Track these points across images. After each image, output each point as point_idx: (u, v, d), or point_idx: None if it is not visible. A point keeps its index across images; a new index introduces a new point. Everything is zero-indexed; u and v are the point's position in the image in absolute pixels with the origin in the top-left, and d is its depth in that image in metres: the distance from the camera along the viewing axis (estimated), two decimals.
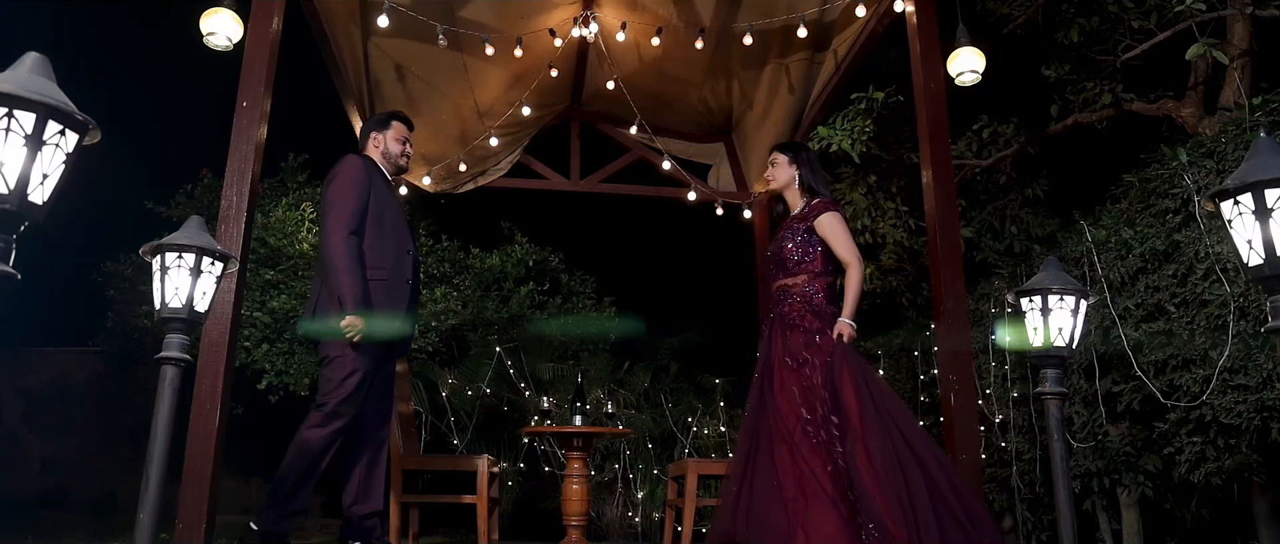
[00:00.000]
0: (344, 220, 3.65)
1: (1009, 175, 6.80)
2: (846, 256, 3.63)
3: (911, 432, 3.25)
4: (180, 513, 3.61)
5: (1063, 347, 3.01)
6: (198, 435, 3.66)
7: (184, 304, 2.73)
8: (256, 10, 4.12)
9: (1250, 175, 2.21)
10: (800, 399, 3.33)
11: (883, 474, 3.09)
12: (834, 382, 3.33)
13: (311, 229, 6.78)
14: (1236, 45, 4.80)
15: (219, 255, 2.81)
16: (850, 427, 3.22)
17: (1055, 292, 3.00)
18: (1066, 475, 2.95)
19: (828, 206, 3.70)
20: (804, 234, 3.67)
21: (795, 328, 3.52)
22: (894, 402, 3.37)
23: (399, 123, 4.08)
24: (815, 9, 5.13)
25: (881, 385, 3.44)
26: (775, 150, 3.96)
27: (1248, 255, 2.23)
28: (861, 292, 3.61)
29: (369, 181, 3.78)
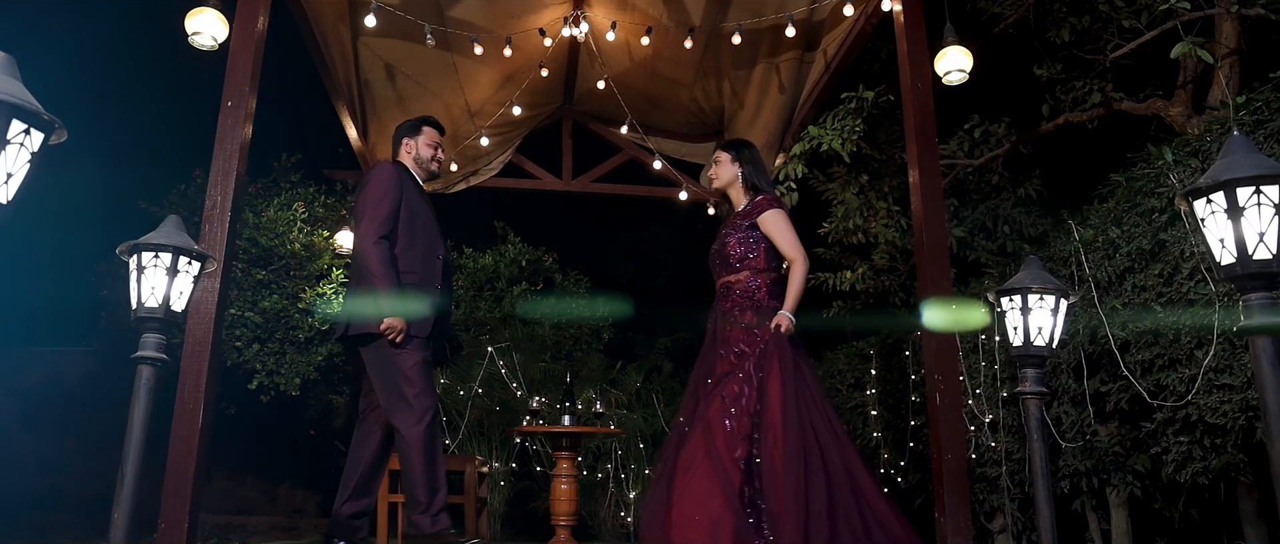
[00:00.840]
0: (375, 225, 3.69)
1: (1001, 175, 6.80)
2: (790, 253, 3.60)
3: (827, 436, 3.26)
4: (163, 512, 3.63)
5: (1043, 346, 3.00)
6: (181, 435, 3.68)
7: (160, 304, 2.73)
8: (241, 10, 4.13)
9: (1222, 174, 2.21)
10: (731, 399, 3.35)
11: (788, 473, 3.10)
12: (763, 375, 3.33)
13: (303, 229, 6.78)
14: (1224, 44, 4.79)
15: (196, 255, 2.81)
16: (771, 423, 3.23)
17: (1035, 291, 3.00)
18: (1047, 475, 2.95)
19: (770, 203, 3.69)
20: (747, 230, 3.67)
21: (736, 323, 3.52)
22: (819, 404, 3.37)
23: (430, 128, 4.10)
24: (803, 8, 5.14)
25: (812, 386, 3.43)
26: (718, 148, 3.96)
27: (1220, 254, 2.23)
28: (804, 288, 3.57)
29: (400, 187, 3.81)
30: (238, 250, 6.69)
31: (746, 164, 3.81)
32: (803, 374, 3.40)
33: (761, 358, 3.37)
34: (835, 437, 3.27)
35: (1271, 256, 2.14)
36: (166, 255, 2.74)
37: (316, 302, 6.55)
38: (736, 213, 3.80)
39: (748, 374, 3.35)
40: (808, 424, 3.23)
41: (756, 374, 3.34)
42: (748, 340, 3.44)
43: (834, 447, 3.23)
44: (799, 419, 3.21)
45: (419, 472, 3.63)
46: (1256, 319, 2.16)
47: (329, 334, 6.64)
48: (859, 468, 3.26)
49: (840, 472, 3.16)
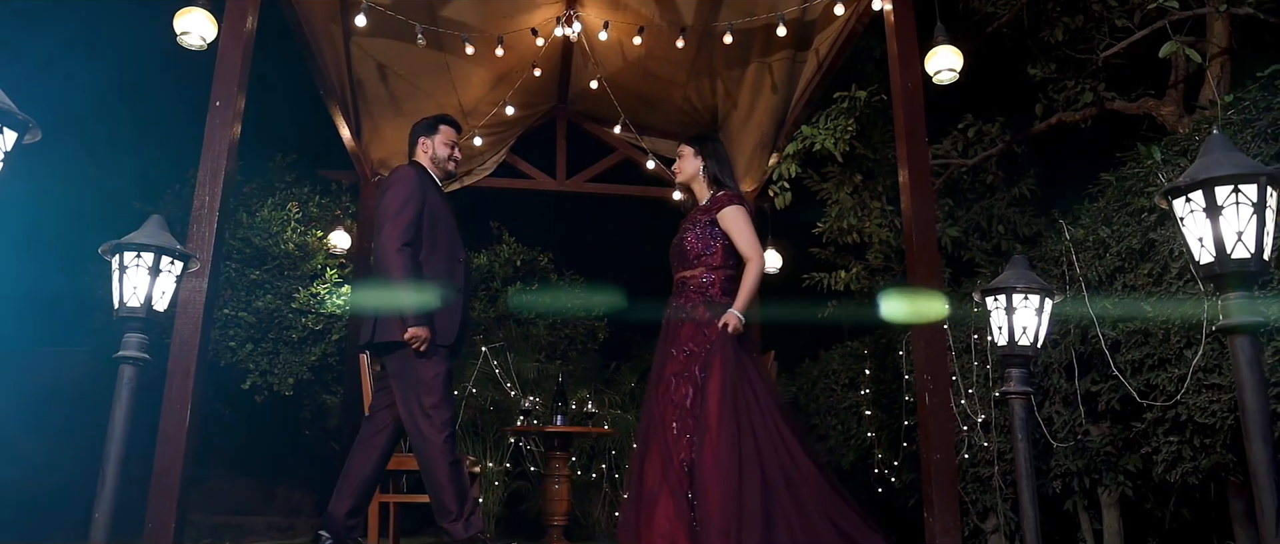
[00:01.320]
0: (398, 233, 3.63)
1: (996, 174, 6.79)
2: (747, 251, 3.54)
3: (770, 439, 3.22)
4: (149, 511, 3.62)
5: (1027, 346, 2.99)
6: (168, 435, 3.67)
7: (142, 303, 2.73)
8: (230, 9, 4.13)
9: (1201, 173, 2.20)
10: (679, 401, 3.34)
11: (719, 474, 3.10)
12: (706, 375, 3.32)
13: (297, 229, 6.79)
14: (1216, 43, 4.78)
15: (178, 255, 2.81)
16: (707, 424, 3.22)
17: (1019, 290, 2.99)
18: (1031, 475, 2.95)
19: (731, 199, 3.63)
20: (705, 226, 3.61)
21: (687, 320, 3.49)
22: (765, 406, 3.32)
23: (448, 126, 4.05)
24: (794, 8, 5.14)
25: (758, 386, 3.37)
26: (682, 142, 3.90)
27: (1199, 253, 2.22)
28: (757, 287, 3.51)
29: (422, 192, 3.76)
30: (231, 250, 6.70)
31: (709, 158, 3.75)
32: (747, 374, 3.34)
33: (706, 357, 3.34)
34: (779, 439, 3.21)
35: (1249, 256, 2.14)
36: (148, 255, 2.74)
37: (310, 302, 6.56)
38: (697, 207, 3.75)
39: (692, 375, 3.34)
40: (747, 426, 3.19)
41: (700, 375, 3.32)
42: (696, 339, 3.41)
43: (777, 449, 3.17)
44: (736, 420, 3.18)
45: (446, 481, 3.61)
46: (1235, 318, 2.15)
47: (322, 334, 6.64)
48: (807, 470, 3.21)
49: (780, 475, 3.12)
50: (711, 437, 3.16)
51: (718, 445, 3.13)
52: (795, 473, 3.16)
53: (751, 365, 3.42)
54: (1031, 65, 6.26)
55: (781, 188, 6.39)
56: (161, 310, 2.78)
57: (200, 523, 8.41)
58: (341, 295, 6.80)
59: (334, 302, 6.74)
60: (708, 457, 3.13)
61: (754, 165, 6.70)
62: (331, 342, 6.69)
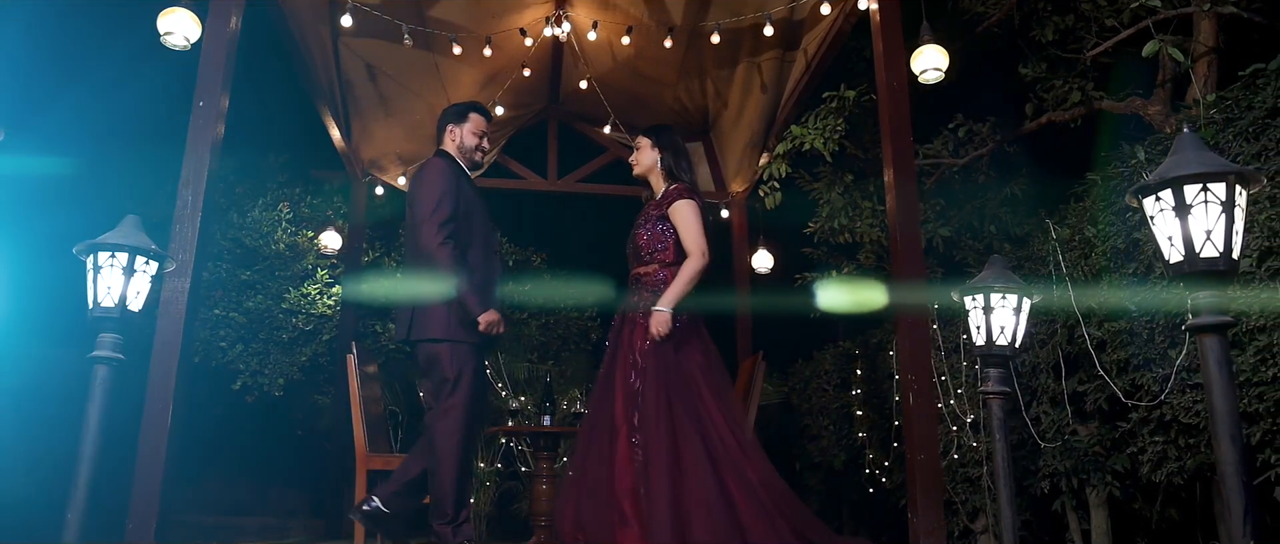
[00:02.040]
0: (436, 229, 3.58)
1: (987, 174, 6.77)
2: (690, 245, 3.46)
3: (692, 441, 3.20)
4: (131, 511, 3.61)
5: (1005, 346, 2.99)
6: (149, 434, 3.66)
7: (116, 303, 2.72)
8: (214, 9, 4.12)
9: (1170, 171, 2.20)
10: (630, 396, 3.33)
11: (627, 474, 3.11)
12: (644, 373, 3.33)
13: (288, 229, 6.78)
14: (1203, 43, 4.77)
15: (153, 255, 2.80)
16: (647, 423, 3.23)
17: (997, 290, 2.98)
18: (1009, 475, 2.94)
19: (683, 193, 3.54)
20: (657, 221, 3.55)
21: (641, 317, 3.46)
22: (697, 405, 3.28)
23: (478, 115, 3.98)
24: (782, 7, 5.13)
25: (688, 383, 3.33)
26: (641, 133, 3.82)
27: (1169, 252, 2.22)
28: (692, 284, 3.43)
29: (456, 185, 3.71)
30: (222, 250, 6.70)
31: (666, 150, 3.68)
32: (680, 370, 3.32)
33: (646, 356, 3.34)
34: (703, 441, 3.18)
35: (1218, 255, 2.13)
36: (123, 255, 2.74)
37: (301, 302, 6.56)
38: (651, 202, 3.70)
39: (643, 372, 3.34)
40: (664, 427, 3.19)
41: (644, 373, 3.32)
42: (644, 337, 3.41)
43: (701, 451, 3.15)
44: (656, 421, 3.18)
45: (449, 483, 3.59)
46: (1204, 318, 2.15)
47: (313, 334, 6.64)
48: (740, 469, 3.17)
49: (709, 475, 3.10)
50: (650, 435, 3.18)
51: (655, 444, 3.14)
52: (727, 476, 3.13)
53: (690, 363, 3.37)
54: (1022, 65, 6.24)
55: (772, 188, 6.38)
56: (136, 310, 2.78)
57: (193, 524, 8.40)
58: (332, 296, 6.80)
59: (324, 302, 6.73)
60: (651, 455, 3.14)
61: (744, 165, 6.70)
62: (322, 342, 6.69)
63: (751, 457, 3.21)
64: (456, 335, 3.64)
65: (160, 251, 2.81)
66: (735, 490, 3.07)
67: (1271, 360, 3.38)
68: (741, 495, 3.06)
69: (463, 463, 3.63)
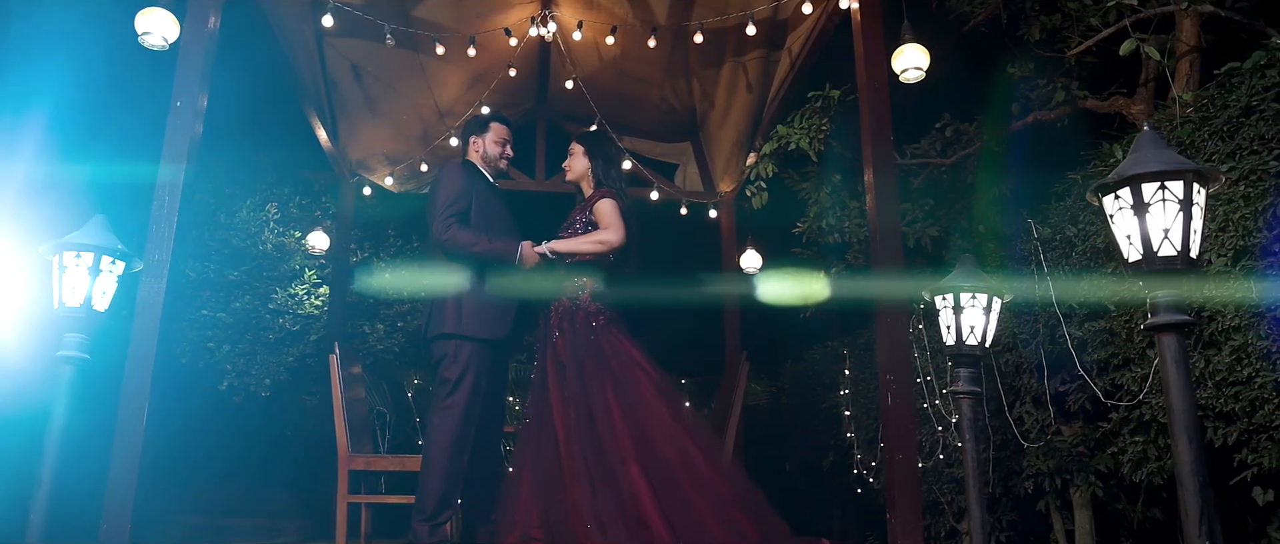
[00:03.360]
0: (443, 215, 3.63)
1: (976, 174, 6.76)
2: (604, 224, 3.55)
3: (548, 441, 3.24)
4: (105, 512, 3.61)
5: (975, 345, 2.98)
6: (124, 434, 3.65)
7: (82, 303, 2.72)
8: (192, 9, 4.11)
9: (1128, 169, 2.19)
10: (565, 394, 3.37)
11: (577, 468, 3.13)
12: (561, 372, 3.37)
13: (276, 229, 6.78)
14: (1185, 41, 4.75)
15: (120, 254, 2.80)
16: (575, 418, 3.26)
17: (967, 289, 2.97)
18: (979, 475, 2.93)
19: (607, 193, 3.64)
20: (582, 224, 3.64)
21: (568, 317, 3.51)
22: (584, 403, 3.29)
23: (498, 124, 4.03)
24: (764, 7, 5.12)
25: (600, 380, 3.35)
26: (575, 140, 3.91)
27: (1127, 250, 2.21)
28: (587, 250, 3.52)
29: (469, 184, 3.76)
30: (209, 250, 6.71)
31: (597, 159, 3.77)
32: (596, 367, 3.34)
33: (565, 355, 3.39)
34: (636, 432, 3.20)
35: (1176, 253, 2.12)
36: (88, 255, 2.74)
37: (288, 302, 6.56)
38: (576, 206, 3.78)
39: (574, 371, 3.37)
40: (545, 427, 3.26)
41: (568, 372, 3.36)
42: (563, 333, 3.46)
43: (631, 443, 3.17)
44: (576, 417, 3.22)
45: (433, 482, 3.59)
46: (1162, 316, 2.14)
47: (300, 335, 6.64)
48: (635, 462, 3.16)
49: (619, 469, 3.12)
50: (558, 437, 3.21)
51: (568, 442, 3.16)
52: (622, 468, 3.13)
53: (591, 360, 3.38)
54: (1011, 64, 6.23)
55: (759, 188, 6.38)
56: (102, 310, 2.77)
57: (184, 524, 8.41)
58: (320, 296, 6.79)
59: (312, 302, 6.73)
60: (564, 455, 3.17)
61: (732, 165, 6.69)
62: (309, 343, 6.69)
63: (697, 444, 3.22)
64: (465, 330, 3.63)
65: (127, 251, 2.81)
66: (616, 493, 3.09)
67: (1247, 359, 3.37)
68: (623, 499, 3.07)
69: (451, 464, 3.61)
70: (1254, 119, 3.29)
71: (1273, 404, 3.28)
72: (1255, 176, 3.27)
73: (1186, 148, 3.61)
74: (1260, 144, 3.24)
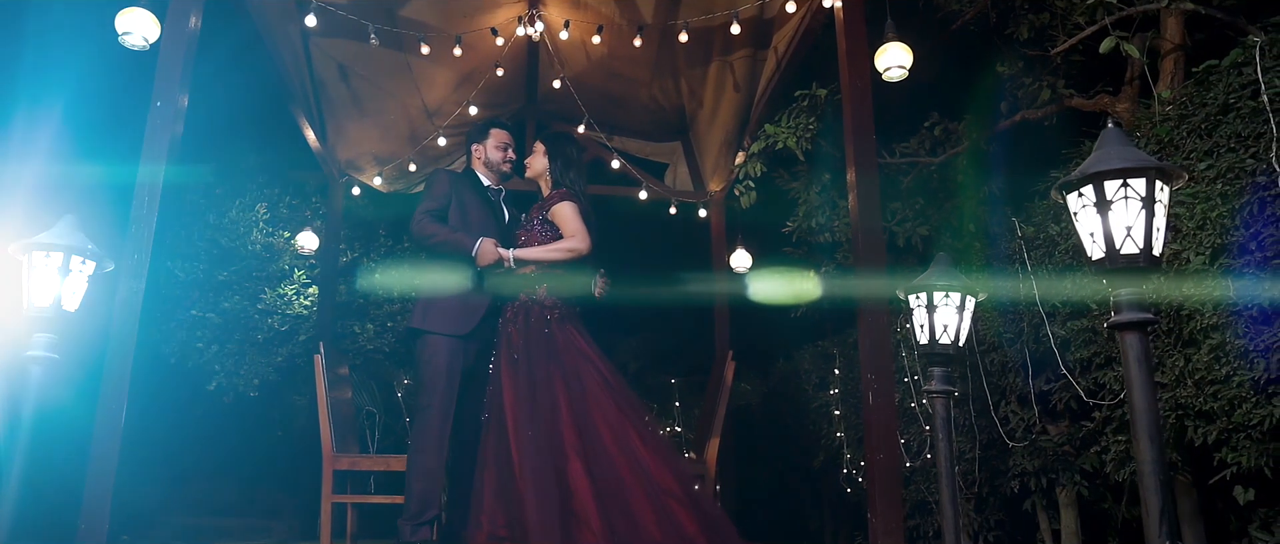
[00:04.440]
0: (419, 212, 3.77)
1: (966, 173, 6.74)
2: (568, 231, 3.57)
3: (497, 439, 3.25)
4: (83, 512, 3.60)
5: (949, 345, 2.96)
6: (102, 435, 3.64)
7: (51, 303, 2.71)
8: (173, 8, 4.09)
9: (1091, 166, 2.18)
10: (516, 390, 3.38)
11: (525, 464, 3.13)
12: (518, 366, 3.38)
13: (265, 229, 6.78)
14: (1170, 40, 4.74)
15: (90, 254, 2.80)
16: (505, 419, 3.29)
17: (940, 288, 2.96)
18: (951, 475, 2.91)
19: (564, 196, 3.67)
20: (539, 223, 3.68)
21: (523, 312, 3.52)
22: (535, 403, 3.30)
23: (498, 130, 4.12)
24: (748, 5, 5.11)
25: (549, 376, 3.35)
26: (539, 139, 3.98)
27: (1090, 248, 2.20)
28: (556, 257, 3.55)
29: (451, 188, 3.86)
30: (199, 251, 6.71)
31: (557, 159, 3.82)
32: (546, 365, 3.35)
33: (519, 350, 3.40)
34: (525, 438, 3.21)
35: (1139, 251, 2.11)
36: (58, 255, 2.73)
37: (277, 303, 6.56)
38: (533, 205, 3.84)
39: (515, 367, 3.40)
40: (503, 423, 3.27)
41: (530, 371, 3.37)
42: (518, 329, 3.49)
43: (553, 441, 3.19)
44: (532, 414, 3.23)
45: (414, 482, 3.63)
46: (1124, 314, 2.13)
47: (289, 335, 6.64)
48: (579, 461, 3.18)
49: (560, 466, 3.13)
50: (508, 432, 3.22)
51: (517, 438, 3.17)
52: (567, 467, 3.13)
53: (541, 359, 3.38)
54: (1001, 63, 6.22)
55: (747, 187, 6.37)
56: (71, 310, 2.77)
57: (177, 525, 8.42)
58: (309, 296, 6.79)
59: (301, 303, 6.73)
60: (514, 453, 3.17)
61: (721, 164, 6.68)
62: (299, 343, 6.69)
63: (646, 442, 3.21)
64: (430, 326, 3.68)
65: (98, 251, 2.80)
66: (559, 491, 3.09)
67: (1225, 358, 3.36)
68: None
69: (427, 463, 3.62)
70: (1231, 117, 3.28)
71: (1250, 403, 3.27)
72: (1233, 174, 3.26)
73: (1165, 146, 3.60)
74: (1237, 142, 3.23)
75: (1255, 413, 3.25)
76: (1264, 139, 3.09)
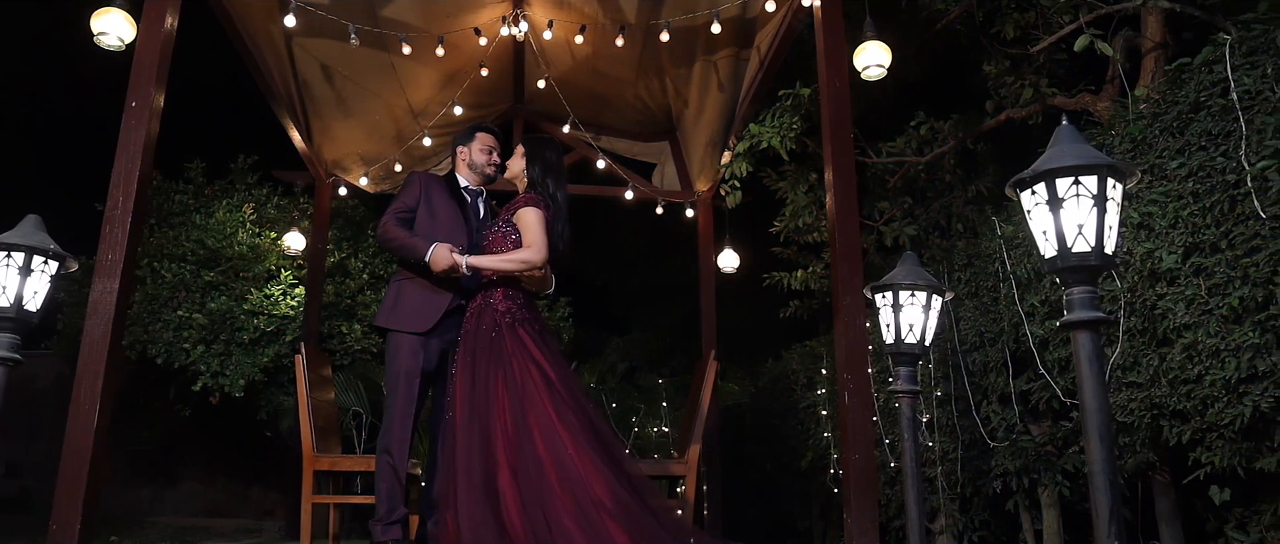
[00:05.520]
0: (386, 214, 3.81)
1: (954, 172, 6.73)
2: (528, 240, 3.53)
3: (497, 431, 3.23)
4: (54, 513, 3.61)
5: (914, 344, 2.95)
6: (75, 436, 3.64)
7: (11, 303, 2.71)
8: (148, 9, 4.10)
9: (1043, 165, 2.17)
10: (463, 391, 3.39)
11: (461, 468, 3.14)
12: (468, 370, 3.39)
13: (252, 230, 6.78)
14: (1151, 38, 4.72)
15: (52, 254, 2.79)
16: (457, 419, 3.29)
17: (905, 287, 2.95)
18: (916, 475, 2.90)
19: (531, 201, 3.65)
20: (504, 225, 3.66)
21: (477, 313, 3.52)
22: (491, 405, 3.29)
23: (484, 134, 4.12)
24: (729, 4, 5.10)
25: (490, 378, 3.34)
26: (522, 141, 3.96)
27: (1043, 246, 2.18)
28: (507, 268, 3.52)
29: (421, 188, 3.89)
30: (186, 252, 6.71)
31: (535, 163, 3.80)
32: (492, 364, 3.34)
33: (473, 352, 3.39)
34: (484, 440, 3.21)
35: (1090, 249, 2.10)
36: (19, 255, 2.73)
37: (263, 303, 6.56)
38: (505, 207, 3.82)
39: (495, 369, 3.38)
40: (488, 416, 3.27)
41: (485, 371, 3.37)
42: (476, 327, 3.49)
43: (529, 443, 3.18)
44: (471, 415, 3.25)
45: (381, 480, 3.64)
46: (1076, 313, 2.11)
47: (275, 335, 6.64)
48: (506, 465, 3.17)
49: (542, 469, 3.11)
50: (456, 430, 3.24)
51: (462, 439, 3.17)
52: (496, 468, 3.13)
53: (518, 361, 3.37)
54: (987, 62, 6.20)
55: (732, 187, 6.36)
56: (33, 311, 2.77)
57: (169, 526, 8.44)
58: (296, 297, 6.79)
59: (288, 303, 6.73)
60: (458, 450, 3.18)
61: (708, 164, 6.67)
62: (285, 343, 6.69)
63: (584, 450, 3.17)
64: (395, 324, 3.69)
65: (60, 251, 2.80)
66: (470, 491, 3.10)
67: (1197, 357, 3.34)
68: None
69: (392, 465, 3.63)
70: (1202, 115, 3.26)
71: (1222, 402, 3.25)
72: (1204, 172, 3.25)
73: (1138, 145, 3.58)
74: (1208, 140, 3.22)
75: (1227, 412, 3.23)
76: (1234, 137, 3.07)
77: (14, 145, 11.59)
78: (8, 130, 11.19)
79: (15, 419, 10.04)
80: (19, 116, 11.26)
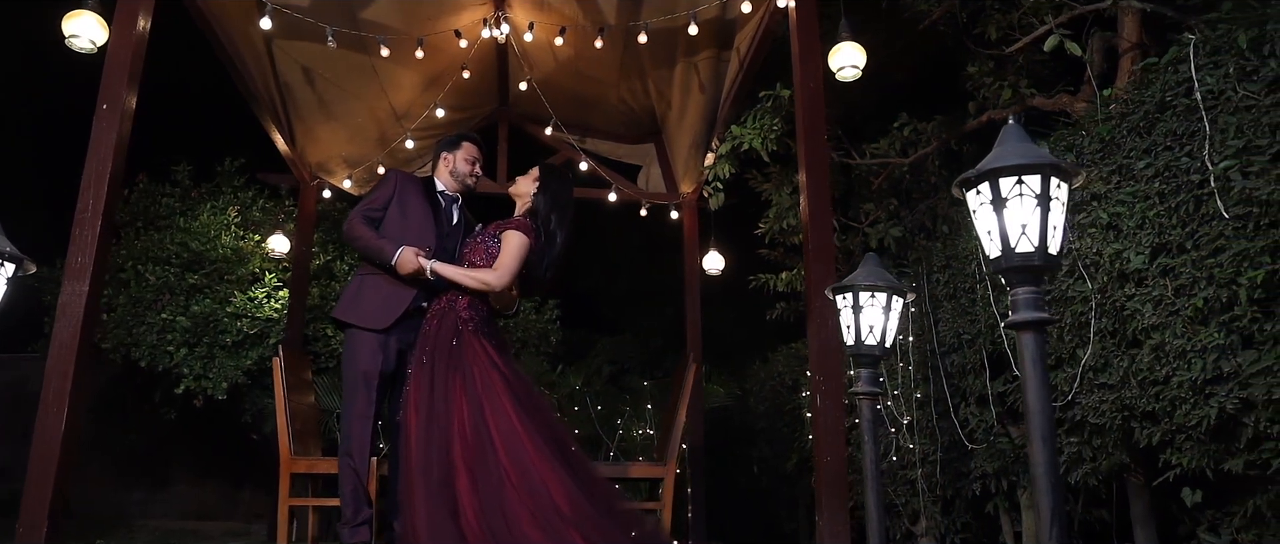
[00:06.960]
0: (354, 211, 3.80)
1: (939, 173, 6.70)
2: (500, 264, 3.49)
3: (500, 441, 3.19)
4: (21, 514, 3.62)
5: (875, 345, 2.94)
6: (42, 438, 3.66)
7: None
8: (120, 10, 4.11)
9: (988, 163, 2.15)
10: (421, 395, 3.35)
11: (417, 471, 3.12)
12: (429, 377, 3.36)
13: (236, 233, 6.78)
14: (1127, 38, 4.71)
15: (8, 256, 2.79)
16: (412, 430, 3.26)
17: (865, 288, 2.93)
18: (876, 477, 2.89)
19: (522, 227, 3.60)
20: (488, 238, 3.63)
21: (439, 317, 3.51)
22: (439, 405, 3.28)
23: (469, 143, 4.12)
24: (706, 6, 5.09)
25: (448, 384, 3.32)
26: (539, 164, 3.88)
27: (988, 246, 2.17)
28: (475, 287, 3.48)
29: (395, 188, 3.87)
30: (170, 255, 6.71)
31: (545, 192, 3.72)
32: (454, 377, 3.32)
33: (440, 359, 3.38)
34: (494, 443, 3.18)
35: (1033, 250, 2.08)
36: None
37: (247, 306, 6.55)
38: (496, 222, 3.77)
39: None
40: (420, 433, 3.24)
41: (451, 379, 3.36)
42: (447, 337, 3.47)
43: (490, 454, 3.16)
44: (429, 425, 3.21)
45: (344, 482, 3.63)
46: (1020, 313, 2.10)
47: (259, 338, 6.63)
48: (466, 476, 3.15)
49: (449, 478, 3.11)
50: (411, 435, 3.21)
51: (419, 444, 3.16)
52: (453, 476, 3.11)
53: (479, 367, 3.35)
54: (971, 63, 6.18)
55: (715, 188, 6.34)
56: None
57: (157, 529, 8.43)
58: (280, 299, 6.78)
59: (272, 305, 6.72)
60: (411, 459, 3.18)
61: (691, 166, 6.66)
62: (269, 345, 6.68)
63: (546, 458, 3.14)
64: (353, 319, 3.68)
65: (16, 254, 2.80)
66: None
67: (1165, 359, 3.32)
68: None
69: (353, 466, 3.63)
70: (1168, 115, 3.24)
71: (1189, 404, 3.24)
72: (1170, 173, 3.23)
73: (1107, 145, 3.57)
74: (1173, 140, 3.20)
75: (1194, 414, 3.21)
76: (1198, 137, 3.06)
77: (14, 145, 11.60)
78: (8, 130, 11.21)
79: (5, 422, 10.04)
80: (19, 117, 11.28)
